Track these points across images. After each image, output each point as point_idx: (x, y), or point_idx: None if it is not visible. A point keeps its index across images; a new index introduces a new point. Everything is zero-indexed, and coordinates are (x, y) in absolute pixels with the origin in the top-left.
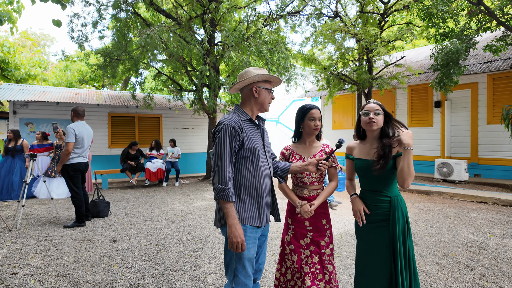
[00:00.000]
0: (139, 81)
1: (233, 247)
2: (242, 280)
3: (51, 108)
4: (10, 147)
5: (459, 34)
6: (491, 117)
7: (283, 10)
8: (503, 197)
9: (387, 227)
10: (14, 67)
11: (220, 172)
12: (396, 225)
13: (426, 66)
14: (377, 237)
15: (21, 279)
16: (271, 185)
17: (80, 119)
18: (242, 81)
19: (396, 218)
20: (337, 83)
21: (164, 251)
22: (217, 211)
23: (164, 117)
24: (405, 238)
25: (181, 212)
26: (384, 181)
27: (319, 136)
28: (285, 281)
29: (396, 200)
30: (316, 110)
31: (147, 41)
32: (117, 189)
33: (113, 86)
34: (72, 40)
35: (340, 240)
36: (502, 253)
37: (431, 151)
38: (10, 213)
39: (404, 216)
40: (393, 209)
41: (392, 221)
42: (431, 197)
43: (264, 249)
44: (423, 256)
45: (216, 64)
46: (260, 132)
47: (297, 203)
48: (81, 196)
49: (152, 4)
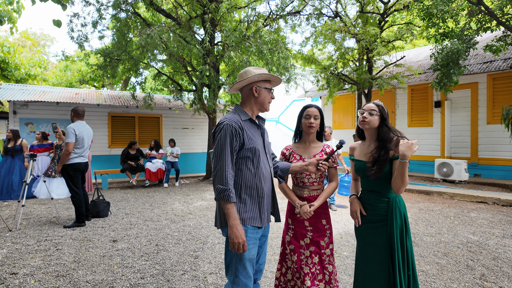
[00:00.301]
0: (139, 81)
1: (234, 247)
2: (243, 280)
3: (51, 108)
4: (10, 147)
5: (459, 34)
6: (491, 117)
7: (283, 10)
8: (503, 197)
9: (385, 228)
10: (14, 67)
11: (221, 172)
12: (393, 226)
13: (426, 66)
14: (376, 237)
15: (21, 279)
16: (271, 185)
17: (80, 119)
18: (242, 81)
19: (393, 218)
20: (337, 83)
21: (164, 251)
22: (218, 212)
23: (164, 117)
24: (403, 238)
25: (181, 212)
26: (383, 182)
27: (321, 136)
28: (286, 281)
29: (394, 201)
30: (313, 108)
31: (147, 41)
32: (117, 189)
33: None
34: (72, 40)
35: (340, 240)
36: (502, 253)
37: (431, 151)
38: (10, 213)
39: (402, 217)
40: (391, 209)
41: (390, 221)
42: (431, 197)
43: (264, 250)
44: (423, 256)
45: (216, 64)
46: (260, 132)
47: (297, 204)
48: (81, 196)
49: (152, 4)
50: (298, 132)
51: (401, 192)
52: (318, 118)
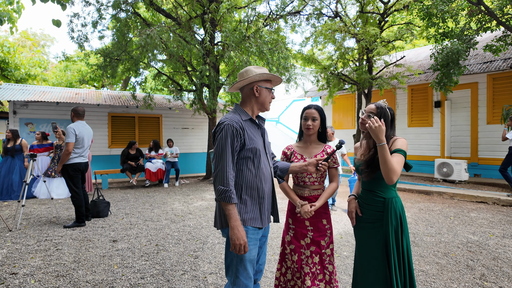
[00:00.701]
0: (139, 81)
1: (235, 249)
2: (243, 281)
3: (51, 108)
4: (9, 147)
5: (459, 34)
6: (491, 117)
7: (283, 10)
8: (503, 197)
9: (381, 227)
10: (14, 67)
11: (222, 173)
12: (388, 226)
13: (426, 66)
14: (372, 237)
15: (21, 279)
16: (272, 185)
17: (80, 119)
18: (243, 80)
19: (388, 219)
20: (337, 83)
21: (164, 251)
22: (218, 212)
23: (164, 117)
24: (398, 239)
25: (181, 212)
26: (378, 182)
27: (324, 136)
28: (285, 281)
29: (390, 201)
30: (311, 110)
31: (147, 41)
32: (117, 189)
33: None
34: (72, 40)
35: (340, 240)
36: (502, 253)
37: (431, 151)
38: (10, 213)
39: (398, 217)
40: (386, 210)
41: (385, 222)
42: (431, 197)
43: (264, 250)
44: (423, 256)
45: (216, 64)
46: (260, 132)
47: (297, 203)
48: (81, 196)
49: (152, 4)
50: (300, 132)
51: (392, 181)
52: (317, 119)
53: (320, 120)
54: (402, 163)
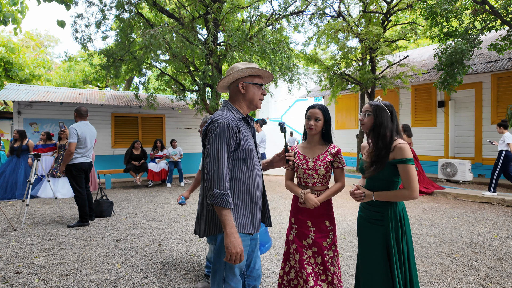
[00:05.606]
0: (143, 82)
1: (231, 258)
2: (233, 286)
3: (55, 108)
4: (16, 147)
5: (463, 34)
6: (496, 117)
7: (286, 10)
8: (507, 198)
9: (381, 228)
10: (18, 68)
11: (217, 175)
12: (388, 226)
13: (430, 66)
14: (373, 237)
15: (25, 278)
16: (263, 189)
17: (83, 119)
18: (226, 77)
19: (388, 219)
20: (340, 83)
21: (167, 250)
22: (203, 218)
23: (167, 117)
24: (399, 239)
25: (184, 212)
26: (379, 182)
27: (329, 137)
28: (289, 280)
29: (391, 202)
30: (315, 109)
31: (150, 41)
32: (120, 189)
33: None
34: (75, 40)
35: (343, 240)
36: (507, 254)
37: (435, 151)
38: (15, 213)
39: (398, 218)
40: (386, 211)
41: (385, 223)
42: (435, 197)
43: (257, 253)
44: (427, 256)
45: (218, 64)
46: (251, 132)
47: (300, 193)
48: (85, 195)
49: (155, 5)
50: (305, 132)
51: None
52: (320, 119)
53: (324, 120)
54: (414, 173)
